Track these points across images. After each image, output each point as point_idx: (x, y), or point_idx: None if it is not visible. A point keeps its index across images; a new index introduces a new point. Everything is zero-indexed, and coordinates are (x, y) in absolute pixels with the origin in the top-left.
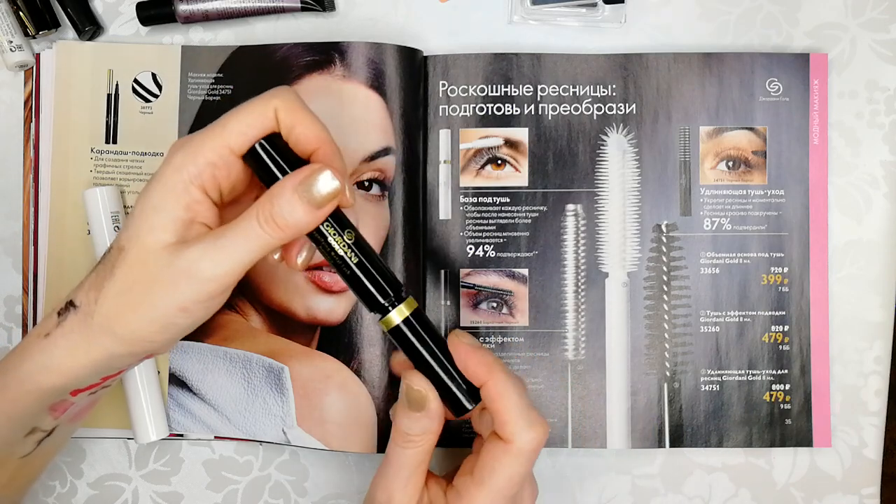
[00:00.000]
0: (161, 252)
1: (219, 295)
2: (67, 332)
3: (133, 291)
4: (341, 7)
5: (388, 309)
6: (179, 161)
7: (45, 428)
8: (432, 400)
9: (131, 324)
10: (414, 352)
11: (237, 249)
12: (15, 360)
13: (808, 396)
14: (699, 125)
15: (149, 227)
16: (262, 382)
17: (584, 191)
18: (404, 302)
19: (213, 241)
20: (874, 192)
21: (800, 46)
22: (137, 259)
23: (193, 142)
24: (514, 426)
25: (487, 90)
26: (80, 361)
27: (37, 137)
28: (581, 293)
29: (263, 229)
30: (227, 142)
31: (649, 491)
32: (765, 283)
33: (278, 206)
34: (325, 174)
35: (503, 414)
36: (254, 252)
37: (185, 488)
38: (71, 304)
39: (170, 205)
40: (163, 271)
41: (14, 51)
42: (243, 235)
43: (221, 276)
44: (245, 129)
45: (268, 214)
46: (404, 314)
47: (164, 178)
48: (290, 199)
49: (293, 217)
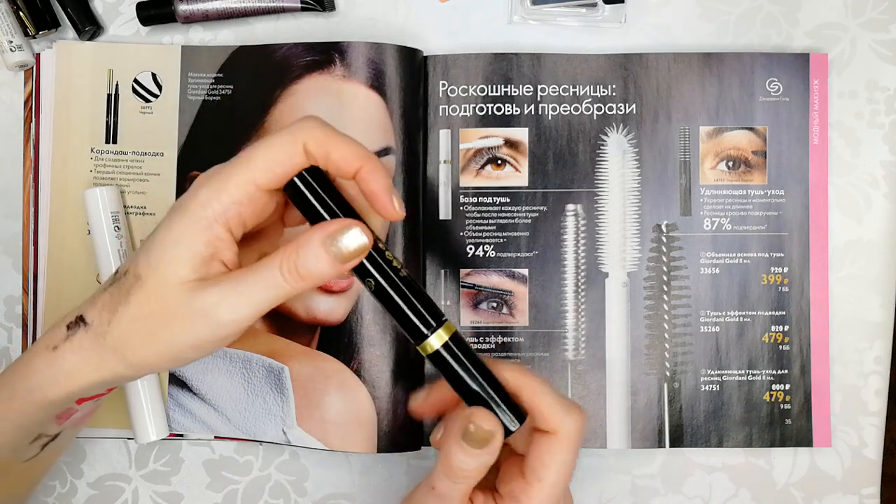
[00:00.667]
0: (179, 288)
1: (231, 338)
2: (77, 348)
3: (148, 322)
4: (341, 7)
5: (426, 336)
6: (205, 197)
7: (49, 433)
8: (498, 439)
9: (142, 354)
10: (459, 376)
11: (257, 296)
12: (21, 369)
13: (808, 396)
14: (699, 125)
15: (168, 260)
16: (262, 382)
17: (584, 191)
18: (443, 326)
19: (234, 286)
20: (874, 192)
21: (800, 46)
22: (155, 291)
23: (220, 177)
24: (555, 416)
25: (487, 90)
26: (87, 376)
27: (37, 137)
28: (581, 293)
29: (285, 279)
30: (253, 178)
31: (649, 491)
32: (765, 283)
33: (304, 258)
34: (354, 231)
35: (544, 408)
36: (272, 300)
37: (185, 488)
38: (82, 320)
39: (192, 239)
40: (180, 309)
41: (14, 51)
42: (264, 283)
43: (238, 321)
44: (272, 165)
45: (292, 265)
46: (443, 339)
47: (189, 211)
48: (317, 253)
49: (318, 270)
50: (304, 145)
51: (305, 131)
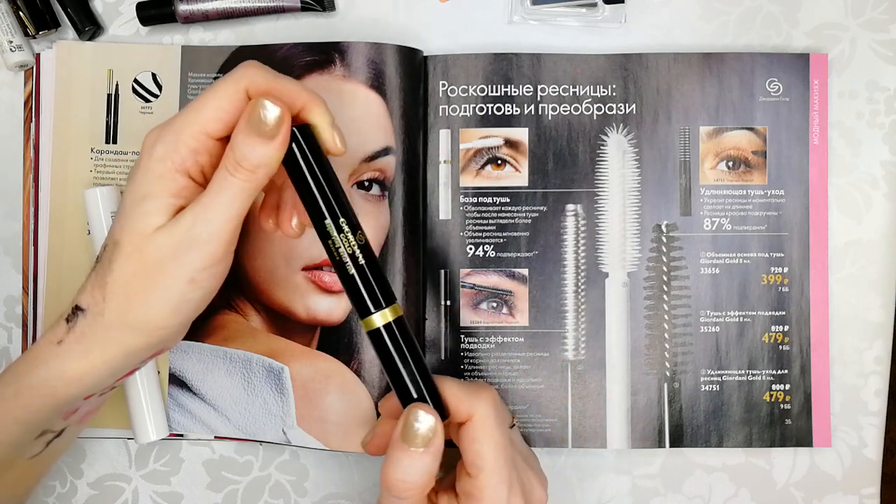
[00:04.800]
0: (155, 234)
1: (222, 257)
2: (80, 337)
3: (137, 280)
4: (341, 7)
5: (371, 312)
6: (161, 151)
7: (55, 429)
8: (440, 432)
9: (144, 310)
10: (394, 361)
11: (222, 202)
12: (27, 366)
13: (808, 396)
14: (699, 125)
15: (138, 215)
16: (262, 382)
17: (584, 191)
18: (390, 307)
19: (198, 204)
20: (874, 192)
21: (800, 46)
22: (134, 248)
23: (171, 129)
24: (463, 403)
25: (487, 90)
26: (95, 364)
27: (37, 137)
28: (581, 293)
29: (236, 177)
30: (204, 128)
31: (649, 491)
32: (765, 283)
33: (238, 150)
34: (263, 103)
35: (451, 399)
36: (237, 200)
37: (185, 488)
38: (77, 309)
39: (158, 192)
40: (161, 250)
41: (14, 51)
42: (221, 189)
43: (218, 233)
44: (220, 113)
45: (233, 161)
46: (387, 319)
47: (149, 168)
48: (245, 140)
49: (255, 154)
50: (245, 90)
51: (247, 78)
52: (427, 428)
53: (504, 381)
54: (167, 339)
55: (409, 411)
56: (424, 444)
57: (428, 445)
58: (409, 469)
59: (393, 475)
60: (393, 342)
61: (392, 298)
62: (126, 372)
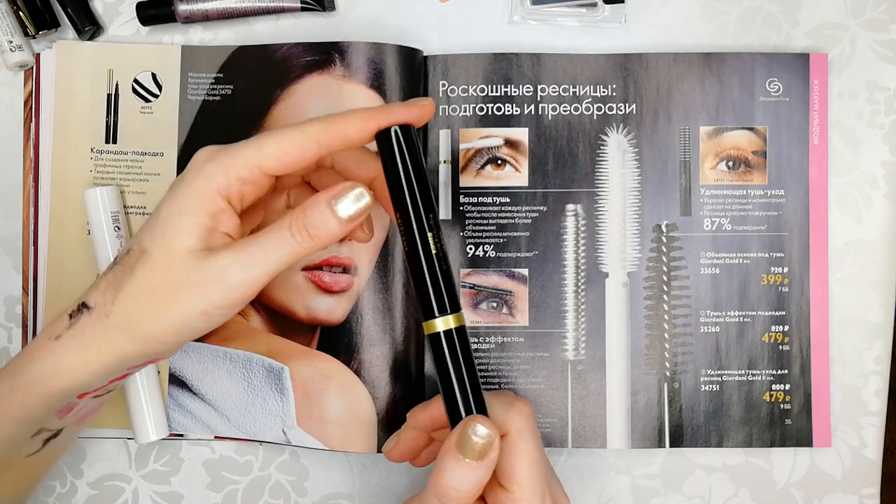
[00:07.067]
0: (186, 257)
1: (242, 302)
2: (79, 334)
3: (155, 293)
4: (341, 7)
5: (435, 315)
6: (210, 171)
7: (51, 428)
8: (496, 447)
9: (149, 325)
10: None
11: (268, 257)
12: (23, 362)
13: (808, 396)
14: (699, 125)
15: (174, 230)
16: (262, 382)
17: (584, 191)
18: (454, 315)
19: (245, 248)
20: (874, 192)
21: (800, 46)
22: (161, 262)
23: (226, 155)
24: (498, 417)
25: (487, 90)
26: (89, 363)
27: (37, 137)
28: (581, 293)
29: (295, 238)
30: (260, 163)
31: (649, 491)
32: (765, 283)
33: (312, 218)
34: (358, 191)
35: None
36: (283, 260)
37: (185, 488)
38: (84, 306)
39: (197, 210)
40: (190, 276)
41: (14, 51)
42: (274, 243)
43: (250, 282)
44: (282, 155)
45: (301, 225)
46: (450, 325)
47: (193, 185)
48: (324, 212)
49: (325, 228)
50: (317, 145)
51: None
52: (485, 442)
53: (504, 381)
54: (161, 354)
55: (468, 423)
56: (480, 458)
57: (483, 458)
58: (461, 479)
59: (444, 483)
60: (451, 350)
61: (458, 306)
62: (117, 375)
